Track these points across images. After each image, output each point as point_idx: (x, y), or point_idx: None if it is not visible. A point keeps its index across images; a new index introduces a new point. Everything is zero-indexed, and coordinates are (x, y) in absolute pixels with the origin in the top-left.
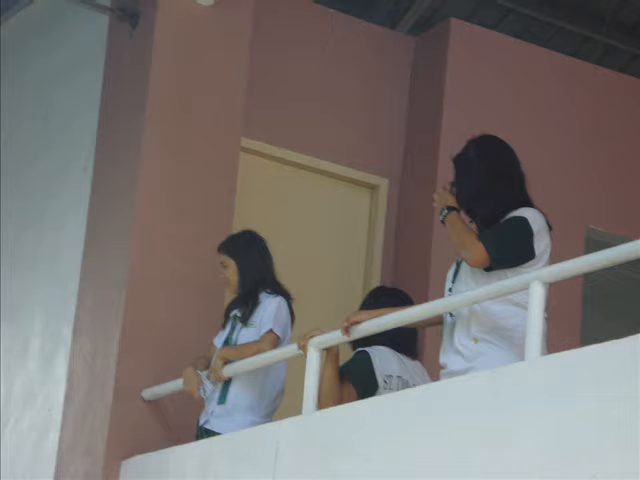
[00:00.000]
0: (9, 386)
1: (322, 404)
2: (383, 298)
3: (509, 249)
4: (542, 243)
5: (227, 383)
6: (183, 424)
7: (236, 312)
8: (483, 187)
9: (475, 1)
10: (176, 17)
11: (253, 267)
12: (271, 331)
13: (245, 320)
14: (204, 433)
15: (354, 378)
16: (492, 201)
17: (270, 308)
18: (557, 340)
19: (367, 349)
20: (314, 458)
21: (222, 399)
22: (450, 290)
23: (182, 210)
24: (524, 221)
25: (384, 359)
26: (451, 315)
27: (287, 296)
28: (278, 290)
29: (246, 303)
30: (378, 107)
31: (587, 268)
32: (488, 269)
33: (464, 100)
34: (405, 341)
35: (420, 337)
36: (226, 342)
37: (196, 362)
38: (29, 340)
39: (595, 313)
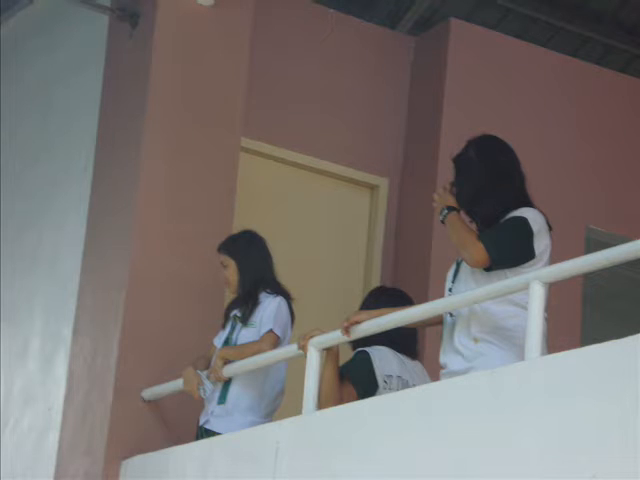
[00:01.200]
0: (9, 386)
1: (322, 404)
2: (383, 298)
3: (509, 249)
4: (542, 243)
5: (227, 383)
6: (183, 424)
7: (236, 312)
8: (483, 187)
9: (475, 1)
10: (176, 17)
11: (253, 267)
12: (271, 331)
13: (245, 320)
14: (204, 433)
15: (354, 378)
16: (492, 201)
17: (270, 308)
18: (557, 340)
19: (367, 349)
20: (314, 458)
21: (222, 399)
22: (450, 290)
23: (182, 210)
24: (524, 221)
25: (384, 359)
26: (451, 315)
27: (287, 296)
28: (278, 290)
29: (246, 303)
30: (378, 107)
31: (587, 268)
32: (488, 269)
33: (464, 100)
34: (405, 341)
35: (420, 337)
36: (226, 342)
37: (196, 362)
38: (29, 340)
39: (595, 313)
